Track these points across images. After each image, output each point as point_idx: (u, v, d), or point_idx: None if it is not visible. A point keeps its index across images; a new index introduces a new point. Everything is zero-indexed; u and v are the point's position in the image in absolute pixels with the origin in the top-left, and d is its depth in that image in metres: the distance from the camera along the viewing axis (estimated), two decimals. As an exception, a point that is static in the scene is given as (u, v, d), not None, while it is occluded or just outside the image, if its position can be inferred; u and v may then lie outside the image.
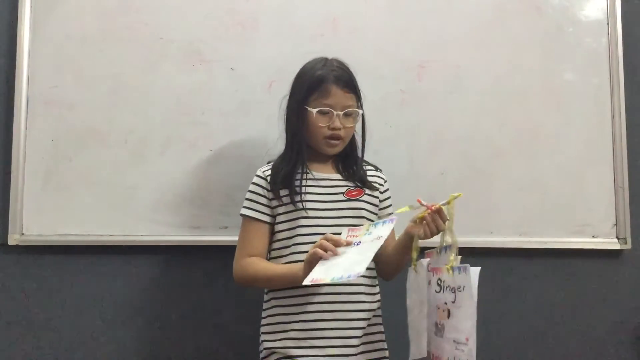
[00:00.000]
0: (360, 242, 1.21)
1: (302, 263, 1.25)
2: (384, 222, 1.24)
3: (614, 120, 1.85)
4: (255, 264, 1.35)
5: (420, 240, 1.27)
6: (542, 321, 1.82)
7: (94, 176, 1.68)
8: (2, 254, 1.67)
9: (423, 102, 1.79)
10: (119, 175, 1.68)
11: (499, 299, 1.81)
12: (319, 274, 1.16)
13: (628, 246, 1.82)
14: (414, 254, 1.27)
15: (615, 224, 1.83)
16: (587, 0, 1.88)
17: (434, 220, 1.24)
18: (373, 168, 1.49)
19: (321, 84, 1.34)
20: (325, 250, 1.18)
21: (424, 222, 1.25)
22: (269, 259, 1.40)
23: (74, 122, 1.69)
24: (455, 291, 1.21)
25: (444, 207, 1.24)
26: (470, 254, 1.77)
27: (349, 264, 1.15)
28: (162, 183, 1.69)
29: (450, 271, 1.22)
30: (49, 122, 1.68)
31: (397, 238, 1.35)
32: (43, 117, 1.68)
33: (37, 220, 1.66)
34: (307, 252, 1.28)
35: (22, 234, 1.66)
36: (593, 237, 1.82)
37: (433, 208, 1.24)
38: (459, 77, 1.81)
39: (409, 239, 1.27)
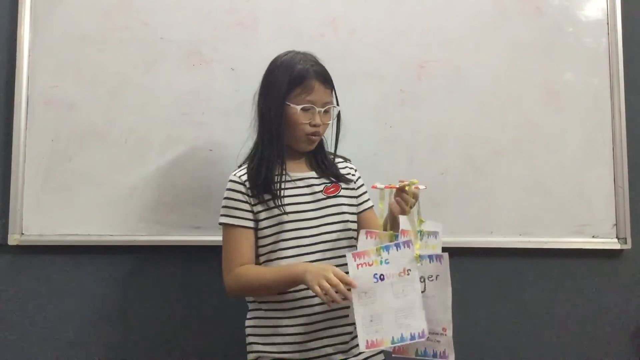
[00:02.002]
0: (382, 275, 1.17)
1: (301, 267, 1.23)
2: (396, 246, 1.19)
3: (614, 120, 1.85)
4: (248, 271, 1.30)
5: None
6: (542, 321, 1.82)
7: (94, 176, 1.68)
8: (2, 254, 1.67)
9: (423, 102, 1.79)
10: (119, 175, 1.68)
11: (499, 298, 1.81)
12: (371, 334, 1.14)
13: (628, 246, 1.82)
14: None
15: (615, 224, 1.83)
16: (587, 0, 1.88)
17: (402, 198, 1.23)
18: (342, 159, 1.46)
19: (303, 79, 1.31)
20: (327, 292, 1.16)
21: (396, 199, 1.24)
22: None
23: (74, 122, 1.69)
24: (425, 280, 1.19)
25: (407, 188, 1.22)
26: (470, 254, 1.78)
27: (397, 314, 1.14)
28: (162, 183, 1.69)
29: (418, 260, 1.19)
30: (49, 122, 1.68)
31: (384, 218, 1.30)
32: (43, 117, 1.69)
33: (37, 220, 1.67)
34: (292, 256, 1.29)
35: (22, 234, 1.66)
36: (593, 237, 1.82)
37: (396, 186, 1.23)
38: (459, 77, 1.81)
39: (394, 218, 1.25)
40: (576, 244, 1.81)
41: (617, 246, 1.82)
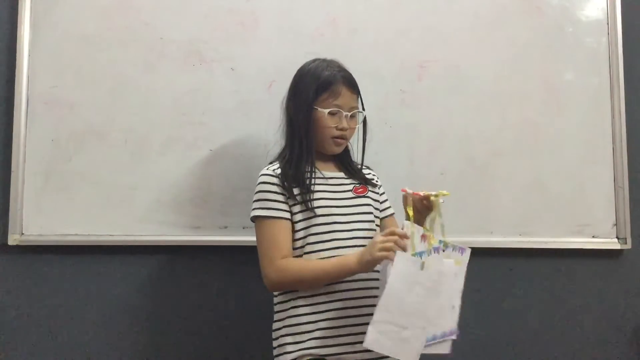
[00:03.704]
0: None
1: (352, 255, 1.25)
2: (427, 252, 1.21)
3: (614, 120, 1.85)
4: (296, 263, 1.30)
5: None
6: (542, 321, 1.82)
7: (94, 176, 1.68)
8: (2, 254, 1.67)
9: (423, 102, 1.79)
10: (119, 175, 1.68)
11: (499, 299, 1.81)
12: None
13: (628, 246, 1.82)
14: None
15: (615, 224, 1.83)
16: (587, 0, 1.88)
17: (423, 205, 1.26)
18: (365, 167, 1.50)
19: (331, 84, 1.35)
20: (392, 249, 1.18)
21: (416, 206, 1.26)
22: None
23: (74, 122, 1.69)
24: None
25: (432, 198, 1.25)
26: (470, 254, 1.78)
27: (434, 314, 1.19)
28: (162, 183, 1.69)
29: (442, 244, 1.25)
30: (49, 122, 1.68)
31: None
32: (43, 117, 1.68)
33: (37, 220, 1.66)
34: (326, 249, 1.30)
35: (22, 234, 1.66)
36: (593, 237, 1.82)
37: (422, 194, 1.25)
38: (459, 77, 1.81)
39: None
40: (576, 244, 1.81)
41: (617, 246, 1.82)
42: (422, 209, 1.26)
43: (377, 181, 1.49)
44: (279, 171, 1.36)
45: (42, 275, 1.68)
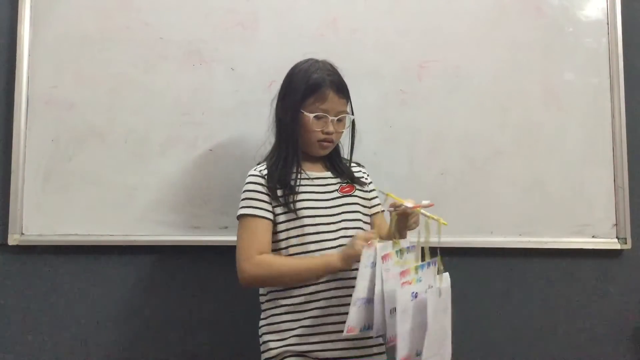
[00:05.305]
0: (417, 293, 1.16)
1: (334, 253, 1.27)
2: (427, 265, 1.19)
3: (614, 120, 1.85)
4: (276, 258, 1.31)
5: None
6: (542, 321, 1.82)
7: (94, 176, 1.68)
8: (2, 254, 1.67)
9: (423, 102, 1.79)
10: (119, 175, 1.69)
11: (499, 298, 1.81)
12: (405, 350, 1.14)
13: (628, 246, 1.82)
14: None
15: (615, 224, 1.83)
16: (587, 0, 1.88)
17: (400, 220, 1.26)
18: (355, 164, 1.50)
19: (318, 88, 1.34)
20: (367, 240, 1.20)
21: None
22: None
23: (74, 122, 1.69)
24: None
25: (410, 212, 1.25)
26: (470, 254, 1.79)
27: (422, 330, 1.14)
28: (162, 183, 1.69)
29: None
30: (49, 122, 1.68)
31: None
32: (43, 117, 1.69)
33: (37, 220, 1.66)
34: (307, 252, 1.31)
35: (22, 234, 1.66)
36: (593, 237, 1.82)
37: (398, 208, 1.25)
38: (459, 77, 1.81)
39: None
40: (576, 244, 1.81)
41: (617, 246, 1.82)
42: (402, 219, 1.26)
43: (366, 179, 1.49)
44: (265, 172, 1.37)
45: (42, 275, 1.68)
